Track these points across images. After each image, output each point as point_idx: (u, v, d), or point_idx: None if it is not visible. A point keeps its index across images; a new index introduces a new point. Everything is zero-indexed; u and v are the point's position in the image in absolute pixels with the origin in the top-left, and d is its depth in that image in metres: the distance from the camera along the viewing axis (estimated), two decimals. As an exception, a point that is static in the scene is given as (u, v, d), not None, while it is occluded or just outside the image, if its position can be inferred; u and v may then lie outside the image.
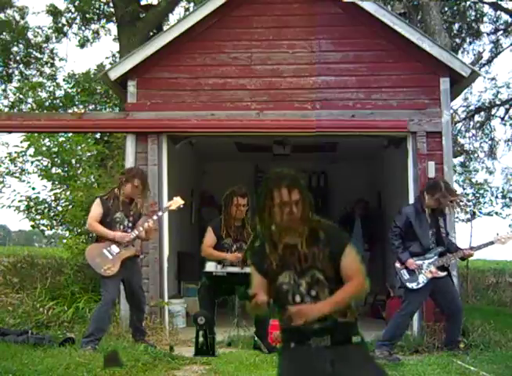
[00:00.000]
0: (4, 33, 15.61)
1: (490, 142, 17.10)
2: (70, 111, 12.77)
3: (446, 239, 5.83)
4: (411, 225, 5.66)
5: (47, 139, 8.50)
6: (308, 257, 2.49)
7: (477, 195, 11.84)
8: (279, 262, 2.51)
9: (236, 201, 5.80)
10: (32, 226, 8.74)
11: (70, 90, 13.76)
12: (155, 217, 5.79)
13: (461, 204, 5.95)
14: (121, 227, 5.56)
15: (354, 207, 9.95)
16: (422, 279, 5.61)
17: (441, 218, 5.78)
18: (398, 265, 5.70)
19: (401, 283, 5.72)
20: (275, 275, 2.52)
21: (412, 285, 5.61)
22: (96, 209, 5.59)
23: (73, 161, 8.62)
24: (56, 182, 8.39)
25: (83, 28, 15.83)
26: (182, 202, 5.79)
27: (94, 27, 15.95)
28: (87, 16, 15.37)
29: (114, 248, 5.46)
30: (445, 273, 5.68)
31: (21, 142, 8.39)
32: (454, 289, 5.86)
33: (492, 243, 5.83)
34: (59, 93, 14.20)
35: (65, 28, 15.83)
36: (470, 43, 16.63)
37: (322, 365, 2.43)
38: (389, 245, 5.89)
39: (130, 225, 5.61)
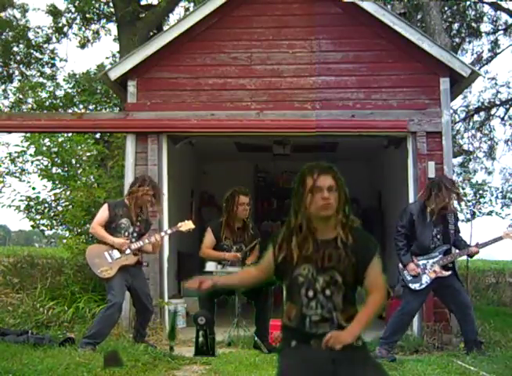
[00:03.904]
0: (4, 33, 15.61)
1: (489, 142, 17.11)
2: (70, 111, 12.78)
3: (454, 236, 5.71)
4: (414, 223, 5.60)
5: (47, 139, 8.50)
6: (333, 257, 2.47)
7: (477, 195, 11.85)
8: (301, 254, 2.48)
9: (240, 200, 5.80)
10: (32, 226, 8.74)
11: (70, 90, 13.77)
12: (162, 233, 5.83)
13: (461, 197, 5.82)
14: (126, 234, 5.54)
15: None
16: (425, 279, 5.53)
17: (451, 215, 5.67)
18: (400, 265, 5.62)
19: (403, 283, 5.63)
20: (293, 266, 2.49)
21: (415, 286, 5.53)
22: (103, 214, 5.58)
23: (73, 161, 8.62)
24: (56, 182, 8.39)
25: (83, 28, 15.83)
26: (193, 226, 5.76)
27: (94, 27, 15.95)
28: (87, 16, 15.36)
29: (116, 253, 5.45)
30: (449, 273, 5.57)
31: (21, 142, 8.40)
32: (458, 284, 5.69)
33: (500, 238, 5.71)
34: (60, 93, 14.21)
35: (65, 28, 15.83)
36: (470, 43, 16.66)
37: (324, 364, 2.43)
38: (392, 245, 5.80)
39: (135, 234, 5.59)
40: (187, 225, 5.75)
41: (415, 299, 5.60)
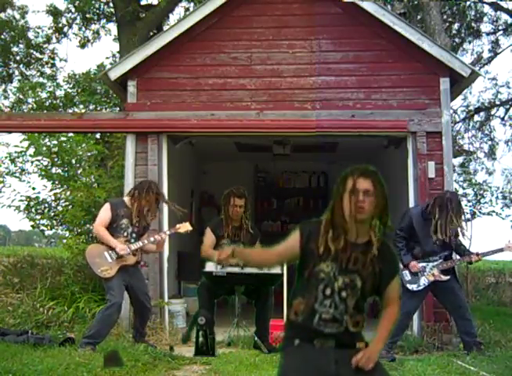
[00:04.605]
0: (4, 33, 15.60)
1: (490, 142, 17.09)
2: (70, 111, 12.77)
3: (455, 241, 5.72)
4: (414, 227, 5.61)
5: (47, 139, 8.49)
6: (359, 261, 2.48)
7: (478, 195, 11.84)
8: (329, 251, 2.47)
9: (233, 202, 5.82)
10: (32, 226, 8.73)
11: (70, 90, 13.76)
12: (168, 232, 5.88)
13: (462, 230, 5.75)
14: (125, 234, 5.55)
15: None
16: (423, 281, 5.58)
17: None
18: (400, 265, 5.62)
19: (402, 284, 5.65)
20: (317, 260, 2.48)
21: (412, 287, 5.57)
22: (106, 214, 5.57)
23: (73, 161, 8.62)
24: (56, 182, 8.39)
25: (83, 28, 15.82)
26: (191, 228, 5.82)
27: (94, 27, 15.93)
28: (87, 16, 15.35)
29: (116, 253, 5.47)
30: (447, 277, 5.60)
31: (21, 142, 8.40)
32: (457, 286, 5.73)
33: (501, 250, 5.75)
34: (60, 93, 14.21)
35: (65, 28, 15.83)
36: (470, 43, 16.65)
37: (326, 364, 2.43)
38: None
39: (134, 234, 5.59)
40: (185, 227, 5.79)
41: (411, 300, 5.60)
